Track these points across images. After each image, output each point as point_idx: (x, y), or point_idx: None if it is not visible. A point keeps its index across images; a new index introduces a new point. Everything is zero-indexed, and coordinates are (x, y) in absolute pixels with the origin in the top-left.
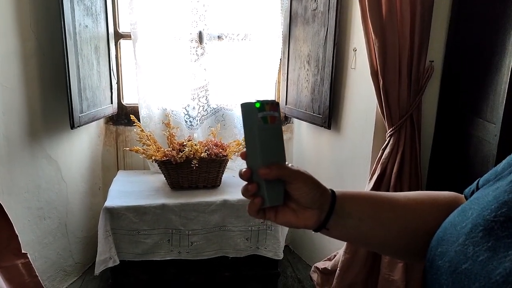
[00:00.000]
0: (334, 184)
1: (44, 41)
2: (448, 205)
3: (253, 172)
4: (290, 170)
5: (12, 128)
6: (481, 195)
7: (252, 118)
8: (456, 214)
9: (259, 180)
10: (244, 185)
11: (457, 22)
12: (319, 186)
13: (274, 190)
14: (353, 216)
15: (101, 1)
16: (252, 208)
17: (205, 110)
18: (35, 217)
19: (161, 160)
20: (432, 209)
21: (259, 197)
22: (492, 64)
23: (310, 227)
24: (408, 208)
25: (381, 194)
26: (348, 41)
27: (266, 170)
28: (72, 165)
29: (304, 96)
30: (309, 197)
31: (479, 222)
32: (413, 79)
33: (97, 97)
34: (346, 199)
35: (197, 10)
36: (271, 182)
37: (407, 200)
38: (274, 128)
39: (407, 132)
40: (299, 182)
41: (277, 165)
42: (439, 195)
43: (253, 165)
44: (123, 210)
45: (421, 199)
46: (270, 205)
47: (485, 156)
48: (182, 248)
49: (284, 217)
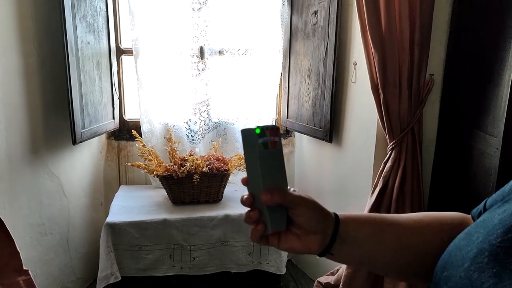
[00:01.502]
0: (336, 198)
1: (46, 58)
2: (454, 227)
3: (254, 198)
4: (292, 196)
5: (13, 144)
6: (487, 218)
7: (253, 144)
8: (462, 237)
9: (261, 206)
10: (246, 212)
11: (456, 35)
12: (322, 211)
13: (276, 216)
14: (357, 239)
15: (103, 17)
16: (254, 235)
17: (206, 125)
18: (36, 233)
19: (163, 175)
20: (438, 231)
21: (261, 224)
22: (492, 77)
23: (314, 252)
24: (413, 230)
25: (385, 217)
26: (348, 55)
27: (267, 196)
28: (74, 181)
29: (305, 109)
30: (312, 222)
31: (484, 247)
32: (413, 92)
33: (99, 112)
34: (350, 223)
35: (198, 26)
36: (273, 208)
37: (412, 222)
38: (275, 153)
39: (409, 146)
40: (302, 208)
41: (279, 191)
42: (445, 217)
43: (255, 191)
44: (124, 226)
45: (426, 221)
46: (272, 232)
47: (487, 169)
48: (184, 263)
49: (288, 243)
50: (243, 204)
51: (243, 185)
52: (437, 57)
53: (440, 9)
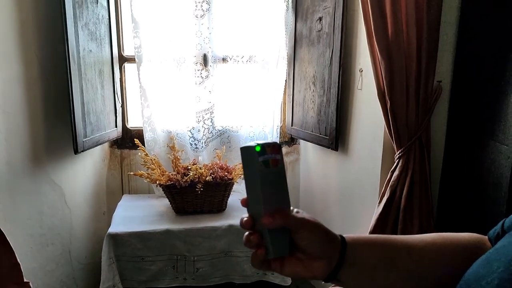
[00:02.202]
0: (342, 207)
1: (48, 66)
2: (470, 251)
3: (255, 221)
4: (295, 218)
5: (14, 154)
6: (508, 243)
7: (253, 163)
8: (481, 264)
9: (262, 229)
10: (246, 235)
11: (464, 40)
12: (327, 234)
13: (278, 240)
14: (366, 265)
15: (105, 25)
16: (255, 260)
17: (210, 132)
18: (37, 244)
19: (165, 184)
20: (453, 255)
21: (262, 248)
22: (503, 83)
23: (320, 278)
24: (426, 254)
25: (395, 239)
26: (354, 62)
27: (269, 219)
28: (76, 190)
29: (310, 117)
30: (316, 247)
31: (505, 277)
32: (421, 100)
33: (101, 121)
34: (358, 246)
35: (202, 33)
36: (275, 231)
37: (424, 244)
38: (276, 172)
39: (416, 154)
40: (305, 231)
41: (281, 213)
42: (460, 239)
43: (255, 213)
44: (126, 236)
45: (440, 243)
46: (275, 257)
47: (498, 179)
48: (188, 274)
49: (291, 268)
50: (242, 227)
51: (243, 206)
52: (445, 64)
53: (447, 14)
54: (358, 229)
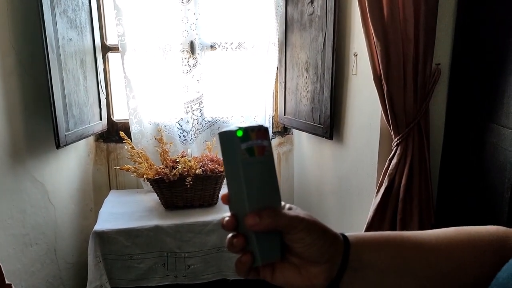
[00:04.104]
0: (338, 198)
1: (25, 57)
2: (494, 247)
3: (238, 221)
4: (287, 217)
5: None
6: None
7: (234, 151)
8: None
9: (248, 231)
10: (229, 238)
11: (464, 21)
12: (327, 234)
13: (267, 243)
14: (373, 268)
15: (86, 12)
16: (240, 268)
17: (199, 124)
18: (20, 244)
19: (153, 178)
20: (474, 253)
21: (248, 253)
22: (505, 65)
23: (319, 286)
24: (443, 252)
25: (406, 236)
26: (348, 46)
27: (255, 220)
28: (60, 187)
29: (303, 105)
30: (314, 250)
31: None
32: (419, 83)
33: (85, 113)
34: (364, 247)
35: (188, 19)
36: (264, 233)
37: (440, 241)
38: (263, 161)
39: (415, 141)
40: (300, 232)
41: (269, 211)
42: (480, 233)
43: (239, 212)
44: (113, 234)
45: (458, 239)
46: (263, 264)
47: (501, 165)
48: (179, 272)
49: (284, 276)
50: (223, 228)
51: (223, 203)
52: (443, 45)
53: None
54: (356, 221)
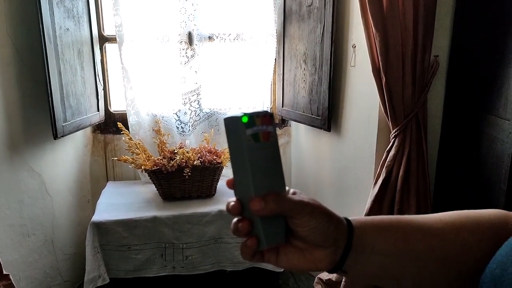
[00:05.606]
0: (336, 190)
1: (22, 47)
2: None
3: (243, 206)
4: (291, 202)
5: None
6: None
7: (239, 137)
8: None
9: (253, 216)
10: (234, 222)
11: (463, 12)
12: (331, 218)
13: (272, 227)
14: (377, 251)
15: (83, 2)
16: (245, 251)
17: (197, 115)
18: (18, 234)
19: (151, 169)
20: (476, 236)
21: (253, 237)
22: (503, 56)
23: (323, 269)
24: (446, 235)
25: (410, 220)
26: (347, 37)
27: (260, 204)
28: (57, 178)
29: (301, 97)
30: (318, 234)
31: None
32: (417, 75)
33: (82, 104)
34: (367, 230)
35: (186, 10)
36: (268, 217)
37: (443, 225)
38: (268, 147)
39: (413, 133)
40: (304, 216)
41: (274, 196)
42: (482, 216)
43: (244, 196)
44: (111, 225)
45: (460, 222)
46: (268, 247)
47: (498, 156)
48: (177, 263)
49: (288, 260)
50: (229, 213)
51: (228, 188)
52: (442, 37)
53: None
54: (354, 212)
